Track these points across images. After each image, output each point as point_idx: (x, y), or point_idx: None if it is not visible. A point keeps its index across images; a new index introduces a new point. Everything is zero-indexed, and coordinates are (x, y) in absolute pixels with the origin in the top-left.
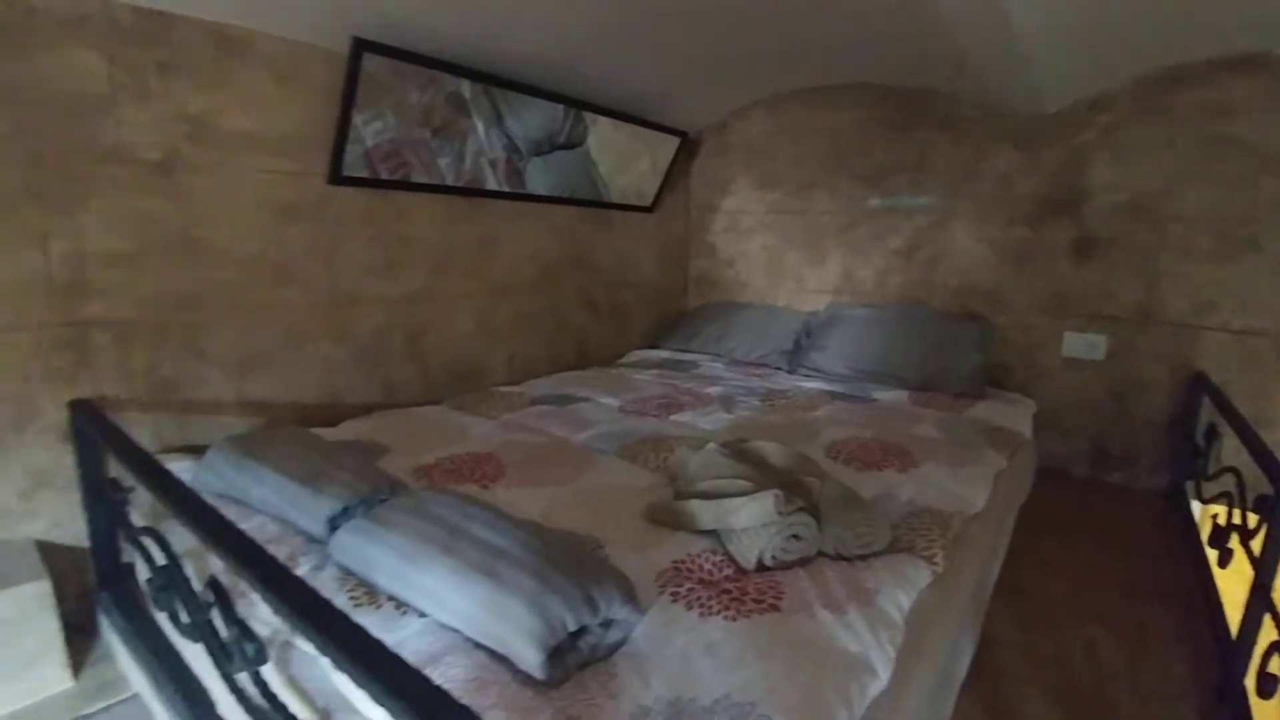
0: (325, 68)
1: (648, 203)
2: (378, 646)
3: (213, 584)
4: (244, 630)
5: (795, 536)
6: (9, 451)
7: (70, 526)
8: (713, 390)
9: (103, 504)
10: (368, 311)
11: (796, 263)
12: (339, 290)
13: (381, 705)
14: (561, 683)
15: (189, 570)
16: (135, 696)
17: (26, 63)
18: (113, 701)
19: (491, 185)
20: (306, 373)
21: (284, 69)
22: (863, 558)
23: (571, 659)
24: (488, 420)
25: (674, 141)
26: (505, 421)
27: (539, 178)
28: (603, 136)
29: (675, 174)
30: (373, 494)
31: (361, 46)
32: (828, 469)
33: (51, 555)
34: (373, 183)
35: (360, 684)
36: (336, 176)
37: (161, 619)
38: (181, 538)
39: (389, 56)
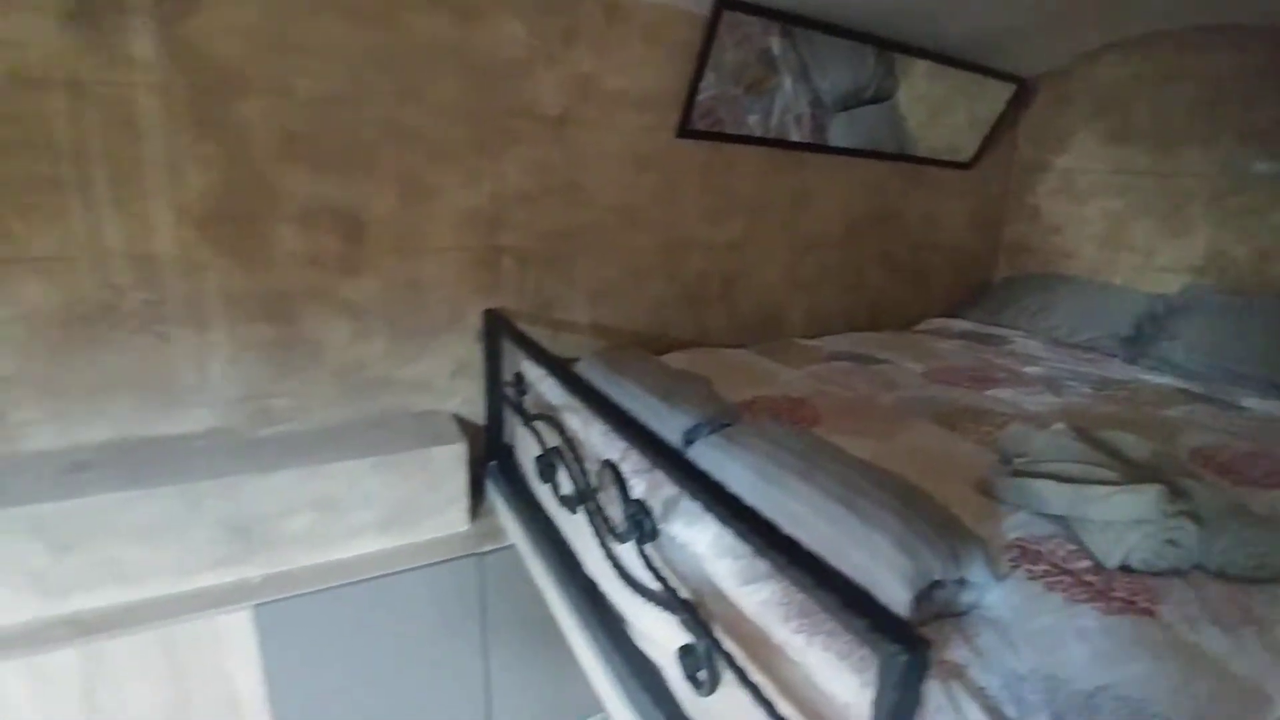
0: (683, 28)
1: (965, 158)
2: (796, 542)
3: (609, 465)
4: (642, 508)
5: (1172, 542)
6: (443, 343)
7: (475, 406)
8: (1031, 370)
9: (499, 392)
10: (694, 255)
11: (1146, 234)
12: (674, 235)
13: (807, 593)
14: (920, 626)
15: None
16: (512, 546)
17: (473, 32)
18: (497, 547)
19: (795, 139)
20: (642, 305)
21: (651, 32)
22: (1254, 581)
23: (926, 607)
24: (792, 369)
25: (1006, 89)
26: (810, 372)
27: (842, 133)
28: (915, 88)
29: (1001, 127)
30: (717, 416)
31: (721, 4)
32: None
33: (462, 426)
34: (709, 135)
35: (782, 570)
36: (683, 130)
37: (541, 490)
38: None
39: (744, 12)
